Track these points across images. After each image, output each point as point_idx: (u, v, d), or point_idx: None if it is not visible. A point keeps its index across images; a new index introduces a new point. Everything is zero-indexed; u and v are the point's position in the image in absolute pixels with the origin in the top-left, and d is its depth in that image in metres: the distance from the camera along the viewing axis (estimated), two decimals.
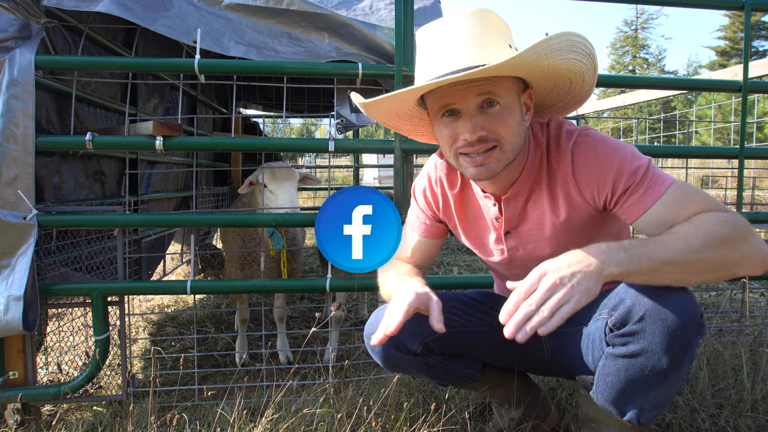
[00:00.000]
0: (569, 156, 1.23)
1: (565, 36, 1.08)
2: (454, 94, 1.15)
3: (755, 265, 1.07)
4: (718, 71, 3.72)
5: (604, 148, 1.21)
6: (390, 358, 1.41)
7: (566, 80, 1.21)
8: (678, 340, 1.06)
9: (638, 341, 1.09)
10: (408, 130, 1.46)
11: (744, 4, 2.16)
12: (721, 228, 1.05)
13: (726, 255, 1.05)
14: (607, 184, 1.19)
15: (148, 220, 2.40)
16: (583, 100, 1.31)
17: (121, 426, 1.78)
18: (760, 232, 5.06)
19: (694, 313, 1.07)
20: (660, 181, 1.14)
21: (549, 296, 1.01)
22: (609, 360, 1.16)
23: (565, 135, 1.26)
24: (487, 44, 1.13)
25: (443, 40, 1.16)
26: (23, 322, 1.75)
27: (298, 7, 2.07)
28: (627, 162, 1.17)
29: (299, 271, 2.79)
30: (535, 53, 1.07)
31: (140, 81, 2.95)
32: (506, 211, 1.32)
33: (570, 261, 1.04)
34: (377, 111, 1.32)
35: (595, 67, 1.19)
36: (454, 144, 1.20)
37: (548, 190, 1.29)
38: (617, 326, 1.13)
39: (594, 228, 1.31)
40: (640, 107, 18.13)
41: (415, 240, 1.52)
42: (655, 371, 1.08)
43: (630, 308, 1.11)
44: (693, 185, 1.18)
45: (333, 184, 9.58)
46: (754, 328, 2.47)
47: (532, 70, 1.14)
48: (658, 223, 1.13)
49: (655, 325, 1.07)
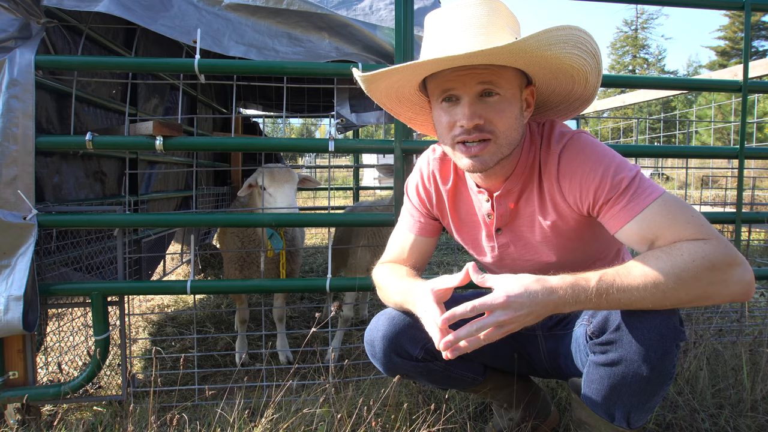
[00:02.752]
0: (556, 159, 1.23)
1: (570, 30, 1.06)
2: (455, 80, 1.14)
3: (735, 297, 1.05)
4: (718, 71, 3.71)
5: (590, 154, 1.18)
6: (392, 364, 1.40)
7: (568, 78, 1.20)
8: (654, 348, 1.06)
9: (616, 350, 1.10)
10: (408, 117, 1.45)
11: (744, 4, 2.16)
12: (699, 264, 1.00)
13: (699, 293, 1.02)
14: (590, 193, 1.17)
15: (148, 220, 2.40)
16: (586, 104, 1.30)
17: (121, 426, 1.78)
18: (760, 232, 5.06)
19: (671, 320, 1.07)
20: (644, 196, 1.11)
21: (496, 330, 1.04)
22: (592, 368, 1.17)
23: (557, 137, 1.25)
24: (493, 33, 1.12)
25: (450, 25, 1.15)
26: (23, 322, 1.75)
27: (298, 7, 2.07)
28: (611, 171, 1.14)
29: (298, 271, 2.79)
30: (536, 42, 1.05)
31: (140, 81, 2.95)
32: (498, 208, 1.32)
33: (532, 301, 1.03)
34: (377, 89, 1.30)
35: (599, 69, 1.17)
36: (451, 131, 1.19)
37: (538, 190, 1.28)
38: (596, 334, 1.14)
39: (585, 232, 1.29)
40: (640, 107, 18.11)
41: (410, 239, 1.50)
42: (636, 379, 1.08)
43: (606, 317, 1.12)
44: (681, 200, 1.13)
45: (333, 184, 9.58)
46: (754, 328, 2.47)
47: (534, 61, 1.12)
48: (638, 238, 1.11)
49: (632, 333, 1.07)
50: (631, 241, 1.13)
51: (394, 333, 1.37)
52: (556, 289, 1.03)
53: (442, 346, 1.05)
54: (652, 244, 1.09)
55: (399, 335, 1.36)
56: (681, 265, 1.01)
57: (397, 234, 1.55)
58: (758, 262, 4.02)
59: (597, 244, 1.34)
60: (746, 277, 1.03)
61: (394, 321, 1.37)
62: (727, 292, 1.03)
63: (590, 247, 1.33)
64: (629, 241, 1.14)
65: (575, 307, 1.05)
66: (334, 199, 10.80)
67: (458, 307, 1.04)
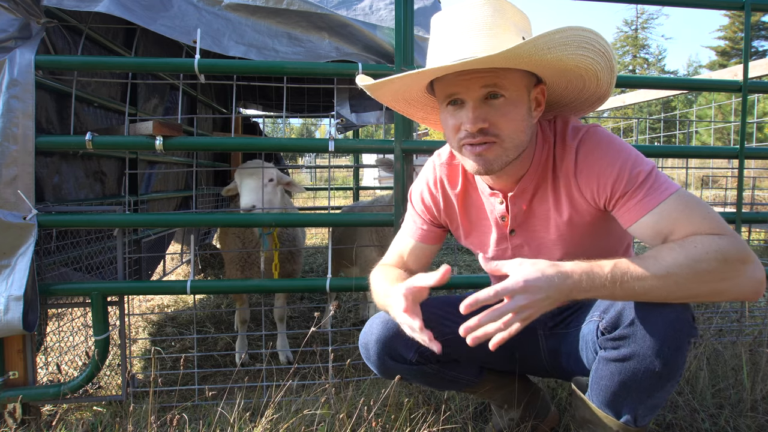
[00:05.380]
0: (573, 154, 1.22)
1: (571, 31, 1.05)
2: (459, 84, 1.14)
3: (746, 295, 1.04)
4: (718, 71, 3.72)
5: (608, 148, 1.18)
6: (386, 367, 1.40)
7: (578, 77, 1.19)
8: (668, 344, 1.06)
9: (629, 345, 1.09)
10: (421, 117, 1.45)
11: (744, 4, 2.16)
12: (713, 256, 1.00)
13: (712, 287, 1.02)
14: (607, 186, 1.17)
15: (148, 220, 2.40)
16: (602, 101, 1.29)
17: (121, 426, 1.78)
18: (760, 232, 5.06)
19: (685, 315, 1.07)
20: (661, 190, 1.11)
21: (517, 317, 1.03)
22: (602, 364, 1.16)
23: (571, 132, 1.24)
24: (498, 34, 1.11)
25: (455, 27, 1.15)
26: (23, 322, 1.75)
27: (298, 6, 2.07)
28: (629, 165, 1.14)
29: (299, 271, 2.79)
30: (533, 47, 1.04)
31: (140, 81, 2.95)
32: (512, 208, 1.31)
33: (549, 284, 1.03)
34: (383, 95, 1.30)
35: (611, 66, 1.16)
36: (457, 134, 1.19)
37: (553, 187, 1.27)
38: (608, 330, 1.14)
39: (599, 228, 1.29)
40: (640, 107, 18.11)
41: (410, 244, 1.49)
42: (648, 374, 1.08)
43: (621, 312, 1.12)
44: (696, 197, 1.13)
45: (333, 184, 9.58)
46: (754, 328, 2.47)
47: (537, 64, 1.12)
48: (653, 233, 1.11)
49: (646, 328, 1.07)
50: (644, 236, 1.13)
51: (387, 336, 1.37)
52: (570, 273, 1.04)
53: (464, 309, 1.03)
54: (666, 238, 1.09)
55: (393, 338, 1.36)
56: (695, 257, 1.01)
57: (398, 239, 1.54)
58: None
59: (609, 241, 1.34)
60: (758, 276, 1.03)
61: (387, 324, 1.37)
62: (738, 288, 1.03)
63: (603, 243, 1.33)
64: (643, 236, 1.13)
65: (590, 293, 1.05)
66: (334, 199, 10.80)
67: (481, 291, 1.04)
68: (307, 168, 11.56)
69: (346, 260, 2.95)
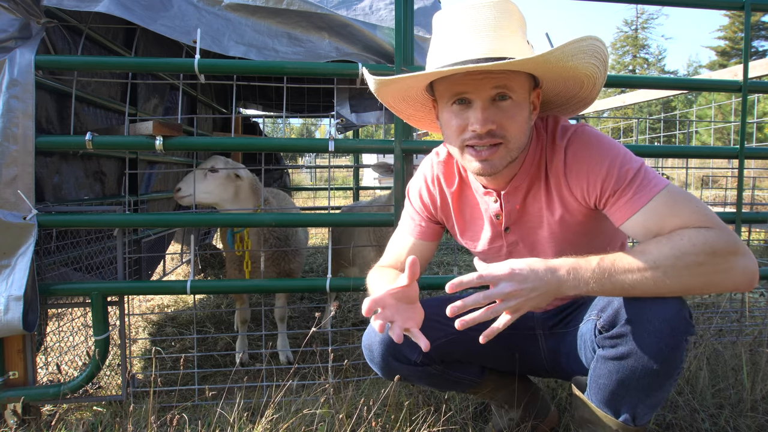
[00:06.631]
0: (562, 153, 1.23)
1: (591, 40, 1.08)
2: (468, 84, 1.13)
3: (739, 286, 1.05)
4: (718, 71, 3.72)
5: (596, 147, 1.19)
6: (390, 368, 1.40)
7: (578, 83, 1.21)
8: (666, 341, 1.06)
9: (626, 343, 1.10)
10: (408, 114, 1.44)
11: (744, 4, 2.16)
12: (700, 249, 1.01)
13: (704, 279, 1.03)
14: (597, 185, 1.18)
15: (148, 220, 2.41)
16: (587, 105, 1.31)
17: (121, 426, 1.78)
18: (760, 232, 5.06)
19: (682, 313, 1.08)
20: (650, 187, 1.12)
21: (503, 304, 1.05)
22: (600, 362, 1.16)
23: (561, 132, 1.26)
24: (505, 36, 1.12)
25: (461, 26, 1.14)
26: (23, 322, 1.75)
27: (298, 7, 2.07)
28: (617, 163, 1.15)
29: (299, 271, 2.79)
30: (561, 53, 1.07)
31: (140, 81, 2.95)
32: (506, 206, 1.32)
33: (535, 276, 1.05)
34: (389, 91, 1.30)
35: (606, 74, 1.19)
36: (461, 134, 1.18)
37: (545, 186, 1.28)
38: (606, 328, 1.14)
39: (592, 227, 1.30)
40: (640, 107, 18.12)
41: (409, 243, 1.49)
42: (646, 372, 1.08)
43: (618, 310, 1.12)
44: (686, 191, 1.15)
45: (333, 184, 9.57)
46: (754, 328, 2.47)
47: (553, 70, 1.13)
48: (644, 231, 1.12)
49: (643, 326, 1.07)
50: (636, 234, 1.14)
51: (391, 338, 1.36)
52: (557, 268, 1.06)
53: (449, 312, 1.04)
54: (656, 234, 1.09)
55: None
56: (681, 248, 1.02)
57: (396, 237, 1.54)
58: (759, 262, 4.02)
59: (603, 239, 1.35)
60: (750, 267, 1.03)
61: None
62: (730, 280, 1.04)
63: (596, 241, 1.33)
64: (635, 234, 1.14)
65: (578, 288, 1.06)
66: (334, 199, 10.80)
67: (465, 276, 1.05)
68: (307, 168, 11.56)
69: (344, 260, 2.94)
